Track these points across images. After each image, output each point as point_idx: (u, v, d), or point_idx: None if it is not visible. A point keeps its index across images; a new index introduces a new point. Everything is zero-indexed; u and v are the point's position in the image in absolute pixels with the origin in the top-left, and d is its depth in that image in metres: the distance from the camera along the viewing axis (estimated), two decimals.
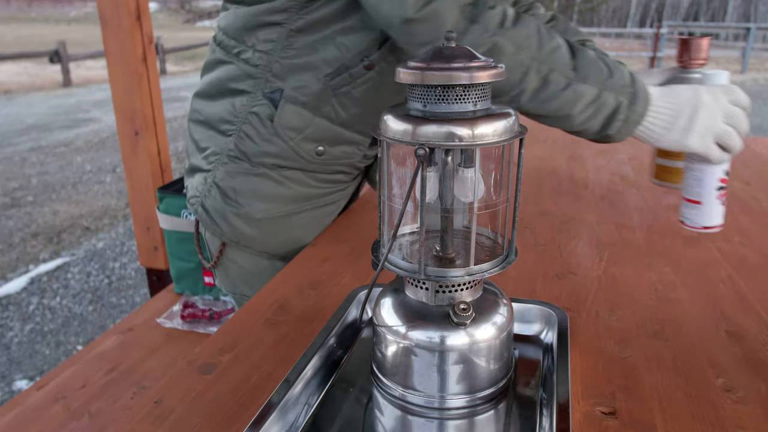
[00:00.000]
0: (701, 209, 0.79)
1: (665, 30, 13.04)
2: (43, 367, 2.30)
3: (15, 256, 3.33)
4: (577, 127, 0.77)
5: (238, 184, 0.90)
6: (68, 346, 2.44)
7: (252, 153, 0.88)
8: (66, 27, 22.89)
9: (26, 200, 4.23)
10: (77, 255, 3.35)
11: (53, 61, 9.74)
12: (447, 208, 0.50)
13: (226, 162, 0.90)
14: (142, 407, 0.53)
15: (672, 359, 0.59)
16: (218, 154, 0.90)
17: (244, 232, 0.92)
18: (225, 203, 0.91)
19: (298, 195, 0.92)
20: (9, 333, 2.55)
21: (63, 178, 4.77)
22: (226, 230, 0.92)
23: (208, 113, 0.92)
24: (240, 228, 0.92)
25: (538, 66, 0.73)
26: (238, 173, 0.90)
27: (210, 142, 0.92)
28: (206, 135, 0.92)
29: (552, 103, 0.75)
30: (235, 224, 0.91)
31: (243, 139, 0.88)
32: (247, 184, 0.89)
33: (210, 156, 0.92)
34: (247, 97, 0.87)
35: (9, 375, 2.25)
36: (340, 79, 0.84)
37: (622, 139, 0.79)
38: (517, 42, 0.72)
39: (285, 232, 0.93)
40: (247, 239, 0.93)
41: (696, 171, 0.78)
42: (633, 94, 0.75)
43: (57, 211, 4.03)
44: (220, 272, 1.00)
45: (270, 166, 0.89)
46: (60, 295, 2.89)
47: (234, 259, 0.97)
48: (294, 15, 0.82)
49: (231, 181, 0.90)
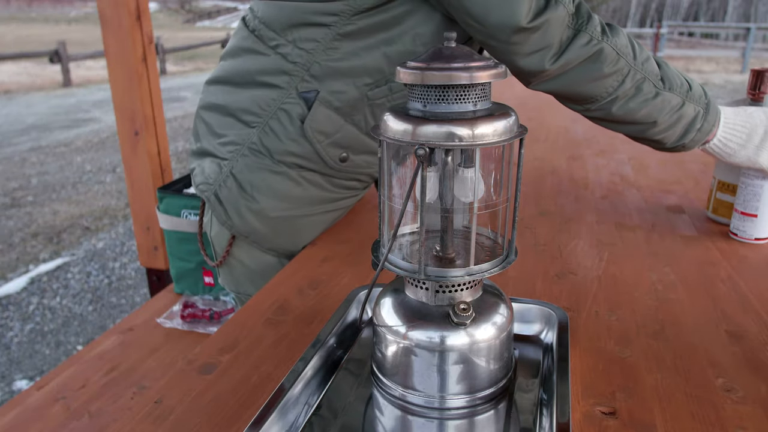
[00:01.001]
0: (756, 222, 0.87)
1: (665, 30, 13.03)
2: (43, 367, 2.30)
3: (15, 256, 3.33)
4: (658, 135, 0.83)
5: (256, 179, 0.88)
6: (68, 346, 2.44)
7: (275, 150, 0.87)
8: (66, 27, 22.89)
9: (26, 200, 4.23)
10: (77, 255, 3.35)
11: (53, 61, 9.74)
12: (447, 208, 0.50)
13: (246, 154, 0.88)
14: (142, 407, 0.53)
15: (672, 359, 0.59)
16: (238, 145, 0.88)
17: (255, 228, 0.91)
18: (241, 196, 0.89)
19: (313, 197, 0.91)
20: (9, 333, 2.55)
21: (63, 178, 4.77)
22: (237, 223, 0.91)
23: (229, 100, 0.89)
24: (252, 223, 0.90)
25: (634, 74, 0.78)
26: (258, 168, 0.88)
27: (229, 130, 0.90)
28: (224, 122, 0.90)
29: (642, 110, 0.80)
30: (248, 218, 0.90)
31: (268, 134, 0.87)
32: (266, 180, 0.88)
33: (228, 144, 0.89)
34: (279, 92, 0.85)
35: (9, 375, 2.25)
36: (378, 90, 0.84)
37: (693, 147, 0.86)
38: (618, 49, 0.76)
39: (294, 233, 0.92)
40: (256, 235, 0.92)
41: (755, 186, 0.86)
42: (707, 104, 0.82)
43: (57, 211, 4.03)
44: (225, 271, 0.99)
45: (291, 165, 0.88)
46: (60, 295, 2.89)
47: (240, 258, 0.96)
48: (344, 19, 0.80)
49: (250, 175, 0.88)
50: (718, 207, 0.96)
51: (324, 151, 0.87)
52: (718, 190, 0.95)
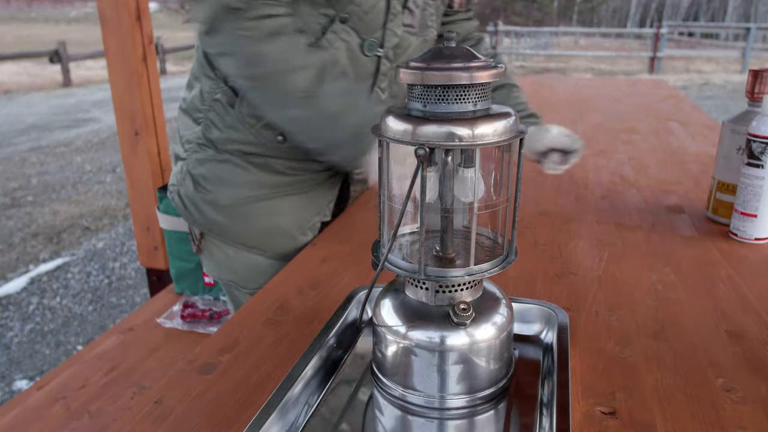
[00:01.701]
0: (756, 222, 0.87)
1: (665, 30, 13.03)
2: (43, 367, 2.30)
3: (15, 256, 3.33)
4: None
5: (206, 171, 0.92)
6: (68, 346, 2.44)
7: (217, 140, 0.91)
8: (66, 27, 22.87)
9: (26, 200, 4.23)
10: (77, 255, 3.35)
11: (53, 61, 9.74)
12: (447, 208, 0.50)
13: (196, 150, 0.93)
14: (142, 407, 0.53)
15: (672, 359, 0.59)
16: (191, 142, 0.93)
17: (214, 219, 0.94)
18: (196, 190, 0.93)
19: (265, 181, 0.93)
20: (9, 333, 2.55)
21: (63, 178, 4.77)
22: (198, 218, 0.95)
23: (188, 101, 0.94)
24: (210, 215, 0.94)
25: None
26: (206, 160, 0.92)
27: (186, 130, 0.95)
28: (184, 123, 0.95)
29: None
30: (205, 211, 0.94)
31: (209, 126, 0.91)
32: (214, 170, 0.92)
33: (185, 144, 0.95)
34: (212, 83, 0.90)
35: (9, 375, 2.25)
36: None
37: None
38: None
39: (257, 220, 0.94)
40: (218, 227, 0.95)
41: (755, 186, 0.85)
42: None
43: (57, 211, 4.03)
44: (206, 257, 1.02)
45: (234, 152, 0.91)
46: (60, 295, 2.89)
47: (214, 242, 0.99)
48: None
49: (200, 168, 0.92)
50: (718, 207, 0.96)
51: (260, 134, 0.89)
52: (718, 190, 0.96)
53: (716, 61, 14.93)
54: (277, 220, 0.95)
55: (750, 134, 0.85)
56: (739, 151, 0.92)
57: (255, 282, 0.97)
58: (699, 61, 15.33)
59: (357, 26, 0.86)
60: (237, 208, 0.93)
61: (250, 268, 0.98)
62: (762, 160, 0.84)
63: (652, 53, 12.91)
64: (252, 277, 0.98)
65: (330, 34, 0.84)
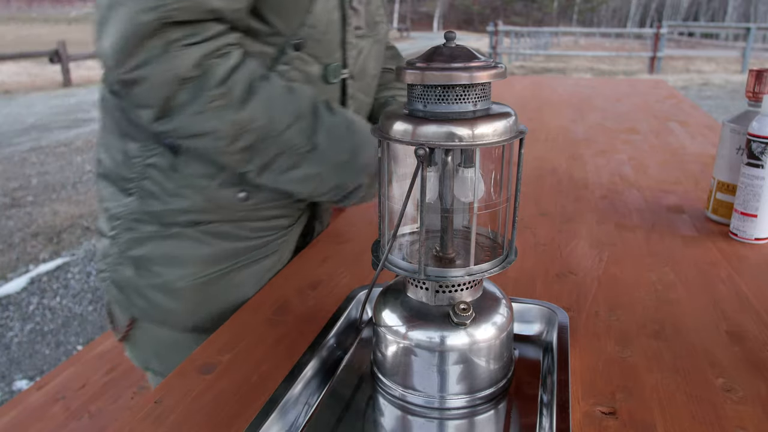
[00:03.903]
0: (756, 222, 0.87)
1: (665, 30, 13.02)
2: (43, 367, 2.30)
3: (15, 256, 3.33)
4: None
5: (149, 251, 0.74)
6: (68, 346, 2.44)
7: (161, 213, 0.73)
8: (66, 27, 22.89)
9: (26, 200, 4.23)
10: (77, 255, 3.35)
11: (53, 61, 9.74)
12: (447, 208, 0.50)
13: (131, 227, 0.74)
14: (142, 407, 0.53)
15: (672, 359, 0.59)
16: (120, 218, 0.75)
17: (164, 307, 0.76)
18: (138, 276, 0.75)
19: (227, 252, 0.76)
20: (9, 333, 2.55)
21: (63, 178, 4.77)
22: (141, 305, 0.77)
23: (107, 167, 0.76)
24: (159, 302, 0.76)
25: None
26: (147, 238, 0.74)
27: (111, 202, 0.76)
28: (108, 193, 0.77)
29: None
30: (153, 298, 0.76)
31: (146, 198, 0.73)
32: (159, 249, 0.74)
33: (112, 219, 0.76)
34: (139, 145, 0.72)
35: (9, 375, 2.25)
36: None
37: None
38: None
39: (219, 299, 0.77)
40: (166, 314, 0.77)
41: (755, 186, 0.85)
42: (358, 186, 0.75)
43: (57, 211, 4.03)
44: (130, 345, 0.84)
45: (185, 223, 0.73)
46: (60, 295, 2.89)
47: (147, 330, 0.81)
48: None
49: (140, 248, 0.74)
50: (718, 207, 0.96)
51: (215, 197, 0.73)
52: (718, 190, 0.95)
53: (716, 61, 14.94)
54: (242, 292, 0.77)
55: (750, 134, 0.85)
56: (739, 151, 0.92)
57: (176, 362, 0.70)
58: (699, 61, 15.34)
59: (315, 51, 0.72)
60: (193, 290, 0.76)
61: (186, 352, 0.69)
62: (762, 160, 0.84)
63: (652, 53, 12.90)
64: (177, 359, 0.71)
65: (281, 66, 0.70)
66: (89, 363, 1.50)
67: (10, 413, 1.31)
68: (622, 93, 2.41)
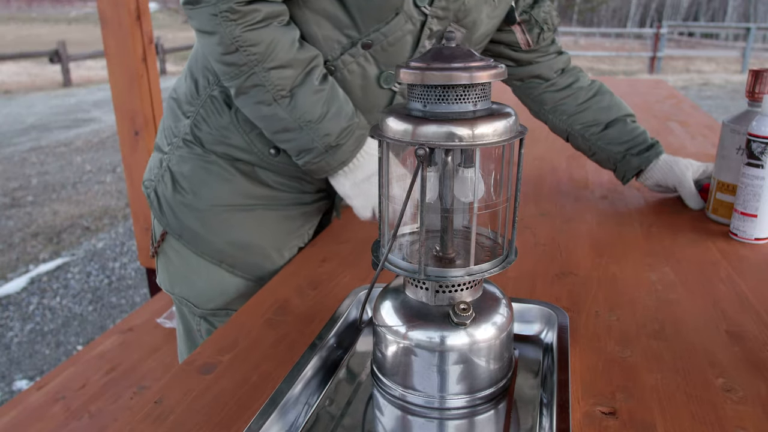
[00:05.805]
0: (756, 222, 0.87)
1: (665, 30, 13.03)
2: (43, 367, 2.30)
3: (15, 256, 3.33)
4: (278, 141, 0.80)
5: (188, 170, 0.85)
6: (68, 346, 2.44)
7: (206, 139, 0.84)
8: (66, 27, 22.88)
9: (26, 200, 4.23)
10: (77, 255, 3.35)
11: (53, 61, 9.74)
12: (447, 208, 0.50)
13: (181, 146, 0.85)
14: (142, 407, 0.53)
15: (672, 359, 0.59)
16: (176, 137, 0.86)
17: (187, 225, 0.86)
18: (174, 191, 0.86)
19: (249, 191, 0.86)
20: (9, 333, 2.55)
21: (63, 178, 4.77)
22: (171, 222, 0.86)
23: (180, 92, 0.87)
24: (184, 219, 0.85)
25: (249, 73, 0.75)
26: (190, 158, 0.85)
27: (173, 122, 0.87)
28: (172, 114, 0.88)
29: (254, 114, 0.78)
30: (180, 215, 0.86)
31: (200, 122, 0.84)
32: (197, 171, 0.84)
33: (170, 137, 0.87)
34: (211, 77, 0.83)
35: (9, 375, 2.25)
36: None
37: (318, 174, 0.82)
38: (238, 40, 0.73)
39: (233, 231, 0.86)
40: (189, 233, 0.86)
41: (755, 186, 0.85)
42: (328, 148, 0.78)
43: (57, 211, 4.03)
44: (161, 263, 0.92)
45: (221, 155, 0.84)
46: (60, 295, 2.89)
47: (178, 249, 0.89)
48: None
49: (183, 166, 0.85)
50: (718, 207, 0.96)
51: (252, 143, 0.83)
52: (718, 190, 0.95)
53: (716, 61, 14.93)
54: (255, 235, 0.86)
55: (750, 134, 0.85)
56: (739, 151, 0.92)
57: (212, 302, 0.88)
58: (699, 61, 15.33)
59: (378, 55, 0.79)
60: (215, 215, 0.85)
61: (211, 284, 0.88)
62: (762, 160, 0.84)
63: (652, 53, 12.91)
64: (210, 296, 0.88)
65: (346, 56, 0.78)
66: (89, 363, 1.50)
67: (10, 413, 1.31)
68: (622, 93, 2.41)
